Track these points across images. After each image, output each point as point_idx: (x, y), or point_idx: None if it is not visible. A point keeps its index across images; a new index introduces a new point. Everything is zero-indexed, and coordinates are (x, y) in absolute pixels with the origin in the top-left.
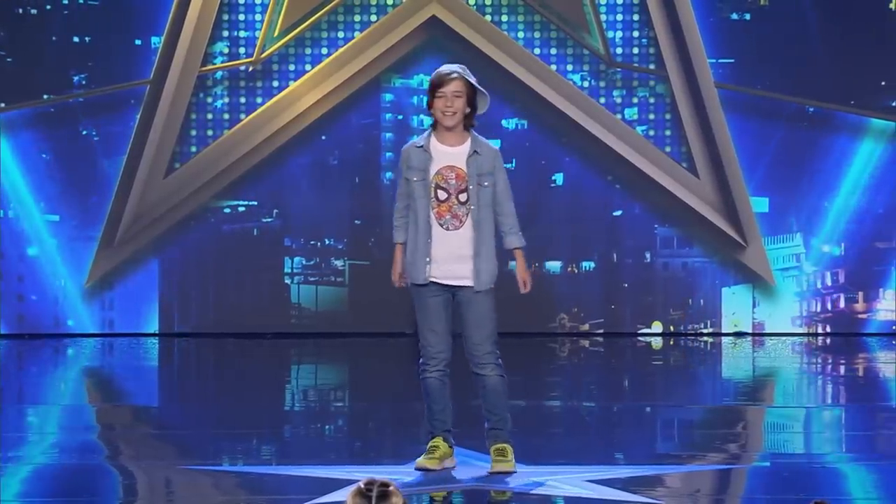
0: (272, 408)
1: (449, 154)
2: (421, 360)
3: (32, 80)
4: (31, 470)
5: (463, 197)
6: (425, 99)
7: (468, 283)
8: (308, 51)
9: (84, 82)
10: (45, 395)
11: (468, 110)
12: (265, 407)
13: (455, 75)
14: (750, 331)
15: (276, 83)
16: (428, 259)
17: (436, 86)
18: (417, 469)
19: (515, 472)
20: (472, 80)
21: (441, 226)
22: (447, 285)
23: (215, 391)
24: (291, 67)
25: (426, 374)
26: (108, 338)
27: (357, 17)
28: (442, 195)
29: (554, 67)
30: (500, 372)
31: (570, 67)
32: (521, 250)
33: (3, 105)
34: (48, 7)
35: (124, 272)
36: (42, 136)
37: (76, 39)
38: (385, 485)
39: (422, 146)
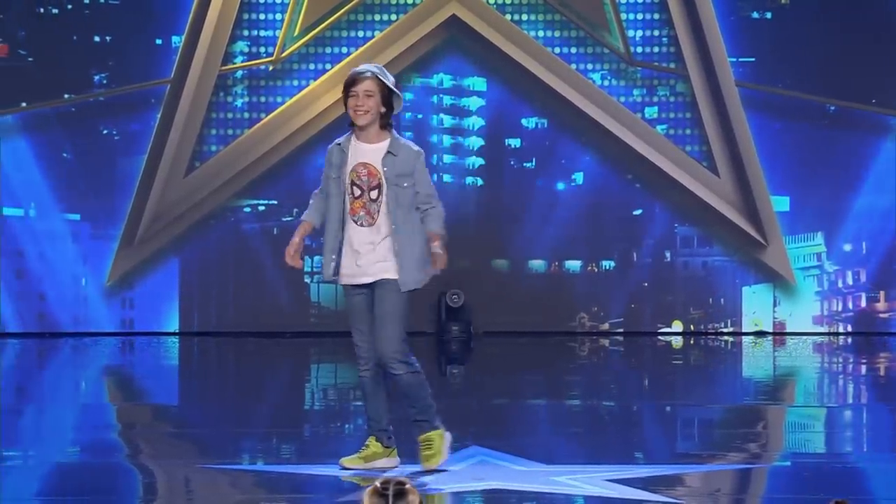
0: (291, 407)
1: (364, 151)
2: (357, 359)
3: (53, 79)
4: (52, 468)
5: (374, 194)
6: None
7: (377, 277)
8: (328, 50)
9: (105, 82)
10: (65, 393)
11: (383, 110)
12: (284, 406)
13: (368, 74)
14: (771, 330)
15: (296, 82)
16: (334, 257)
17: (348, 84)
18: (340, 466)
19: (446, 460)
20: (388, 80)
21: (355, 221)
22: (367, 284)
23: (235, 390)
24: (311, 67)
25: (360, 372)
26: (128, 336)
27: (377, 17)
28: (356, 191)
29: (574, 66)
30: (408, 369)
31: (590, 66)
32: (437, 236)
33: (24, 105)
34: (69, 7)
35: (144, 271)
36: (63, 135)
37: (97, 39)
38: (401, 483)
39: (340, 144)
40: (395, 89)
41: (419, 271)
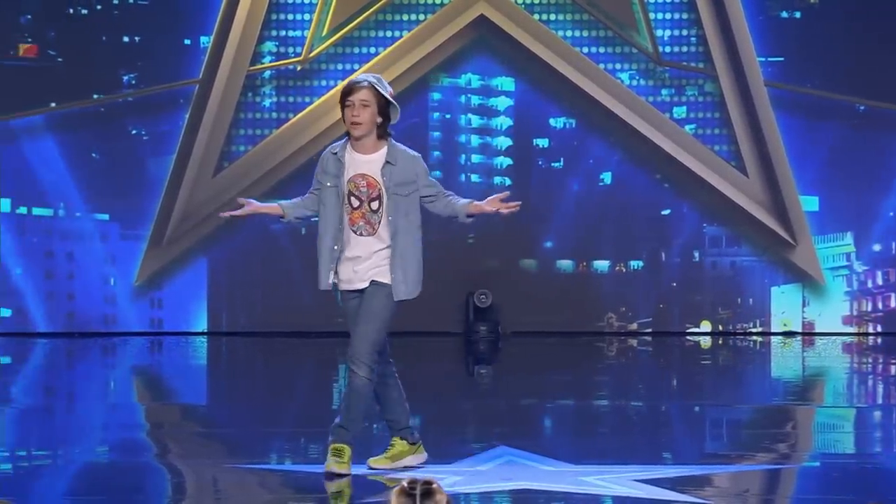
0: (320, 407)
1: (361, 162)
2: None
3: (82, 79)
4: (81, 467)
5: (374, 205)
6: (484, 99)
7: (374, 278)
8: (356, 50)
9: (133, 82)
10: (94, 393)
11: (380, 120)
12: (313, 406)
13: (365, 84)
14: (800, 330)
15: (324, 82)
16: (332, 266)
17: (345, 94)
18: (369, 467)
19: (349, 475)
20: (385, 90)
21: (354, 232)
22: (357, 291)
23: (263, 390)
24: (339, 67)
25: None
26: (157, 336)
27: (405, 16)
28: (355, 202)
29: (602, 66)
30: (369, 375)
31: (618, 66)
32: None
33: (53, 105)
34: (98, 7)
35: (173, 271)
36: (92, 135)
37: (126, 39)
38: (428, 483)
39: (336, 153)
40: (391, 99)
41: (415, 283)
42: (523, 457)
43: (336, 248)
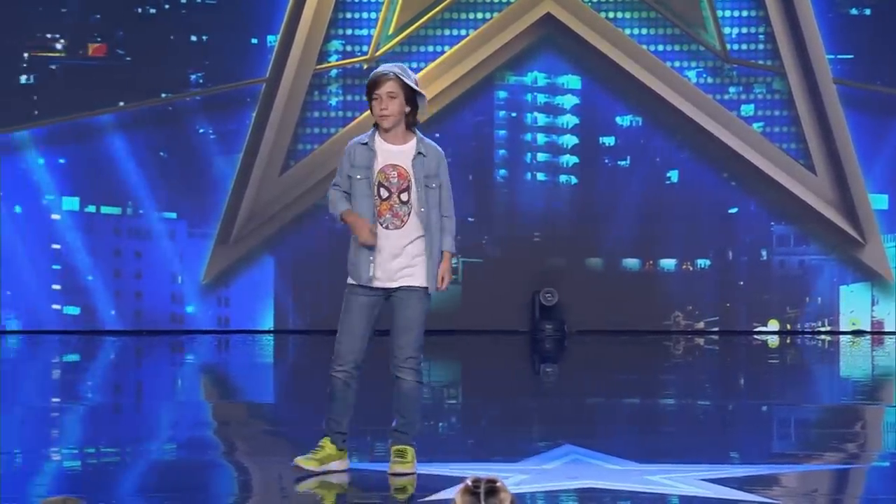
0: (385, 405)
1: (392, 153)
2: (332, 357)
3: (150, 79)
4: (149, 465)
5: (404, 196)
6: (534, 97)
7: (403, 283)
8: (422, 48)
9: (201, 81)
10: (161, 391)
11: (408, 110)
12: (378, 404)
13: (390, 75)
14: (869, 329)
15: None
16: (372, 258)
17: (371, 87)
18: (294, 466)
19: (414, 474)
20: (410, 80)
21: (381, 224)
22: (385, 288)
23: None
24: (406, 65)
25: (333, 372)
26: (224, 334)
27: (471, 15)
28: (384, 193)
29: (669, 64)
30: (418, 378)
31: (685, 64)
32: (449, 254)
33: (122, 104)
34: (166, 6)
35: (240, 269)
36: (160, 134)
37: (193, 38)
38: (492, 481)
39: (366, 143)
40: (417, 88)
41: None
42: (589, 455)
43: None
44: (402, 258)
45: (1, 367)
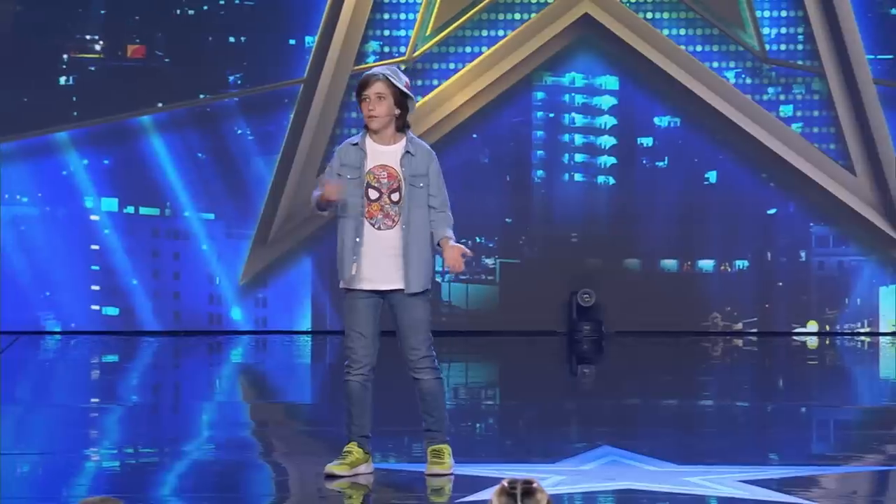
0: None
1: (382, 153)
2: (346, 363)
3: (189, 79)
4: (189, 465)
5: (395, 196)
6: (578, 97)
7: (397, 285)
8: (460, 49)
9: (239, 82)
10: (200, 391)
11: (398, 111)
12: (415, 405)
13: (379, 77)
14: None
15: (427, 82)
16: (355, 258)
17: (360, 89)
18: (326, 475)
19: (452, 474)
20: (400, 82)
21: (372, 225)
22: (376, 290)
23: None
24: (443, 66)
25: (348, 377)
26: (262, 335)
27: (509, 15)
28: (373, 194)
29: (707, 65)
30: (436, 375)
31: (724, 64)
32: (451, 241)
33: (160, 105)
34: (205, 8)
35: (277, 270)
36: (198, 135)
37: (232, 39)
38: (528, 482)
39: (356, 144)
40: (407, 91)
41: (427, 276)
42: (627, 457)
43: (358, 240)
44: (395, 258)
45: (40, 367)
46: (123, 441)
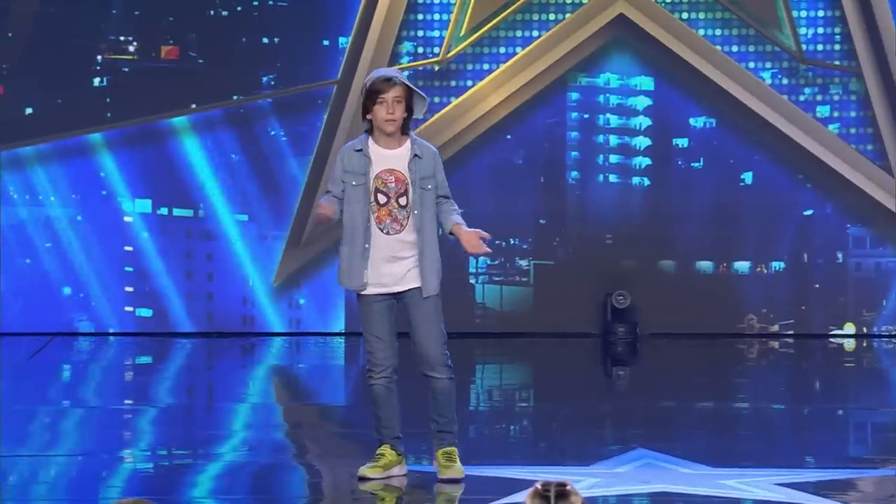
0: (457, 408)
1: (388, 157)
2: (367, 367)
3: (222, 80)
4: (223, 467)
5: (403, 200)
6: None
7: (410, 285)
8: (494, 50)
9: (273, 83)
10: (234, 393)
11: (405, 114)
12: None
13: (398, 81)
14: None
15: (461, 83)
16: (365, 266)
17: (376, 92)
18: (359, 478)
19: (464, 476)
20: (413, 85)
21: (381, 230)
22: (393, 293)
23: (399, 390)
24: (477, 67)
25: (372, 380)
26: (296, 337)
27: (543, 16)
28: (382, 199)
29: (743, 65)
30: (449, 374)
31: (760, 65)
32: (463, 226)
33: (194, 106)
34: (238, 8)
35: (311, 271)
36: (231, 136)
37: (265, 40)
38: (562, 485)
39: (360, 150)
40: (419, 92)
41: (438, 278)
42: (662, 459)
43: (367, 246)
44: (404, 261)
45: (73, 368)
46: (157, 443)
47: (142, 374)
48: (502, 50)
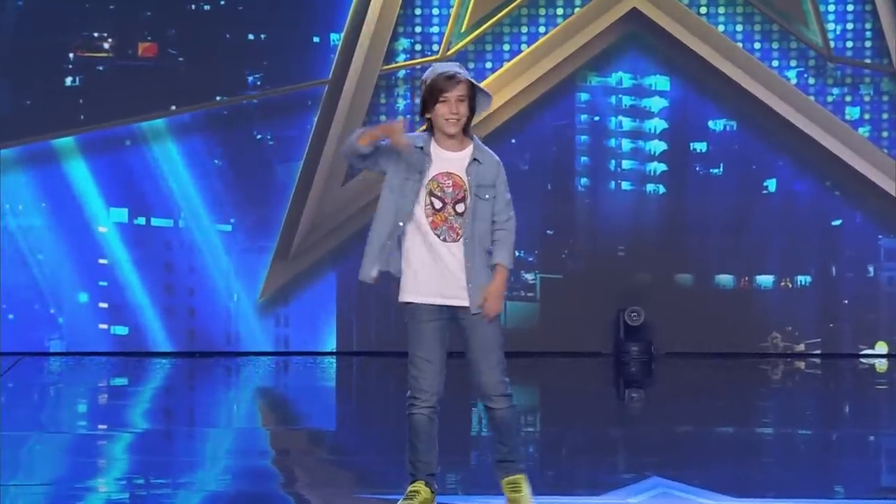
0: (457, 432)
1: (447, 160)
2: (409, 393)
3: (205, 80)
4: (204, 497)
5: (460, 207)
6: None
7: (466, 301)
8: (497, 47)
9: (259, 83)
10: (216, 417)
11: (468, 114)
12: (449, 431)
13: (462, 78)
14: None
15: None
16: (417, 269)
17: (439, 90)
18: None
19: None
20: (473, 80)
21: (438, 236)
22: (443, 306)
23: (396, 414)
24: (479, 65)
25: (413, 409)
26: (283, 356)
27: (550, 11)
28: (437, 204)
29: (767, 64)
30: (510, 403)
31: (784, 63)
32: (504, 270)
33: (174, 108)
34: (221, 3)
35: (300, 286)
36: (214, 140)
37: (251, 37)
38: None
39: (421, 147)
40: (483, 89)
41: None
42: (678, 489)
43: (389, 243)
44: (458, 272)
45: (43, 391)
46: (133, 471)
47: (117, 396)
48: (506, 47)
